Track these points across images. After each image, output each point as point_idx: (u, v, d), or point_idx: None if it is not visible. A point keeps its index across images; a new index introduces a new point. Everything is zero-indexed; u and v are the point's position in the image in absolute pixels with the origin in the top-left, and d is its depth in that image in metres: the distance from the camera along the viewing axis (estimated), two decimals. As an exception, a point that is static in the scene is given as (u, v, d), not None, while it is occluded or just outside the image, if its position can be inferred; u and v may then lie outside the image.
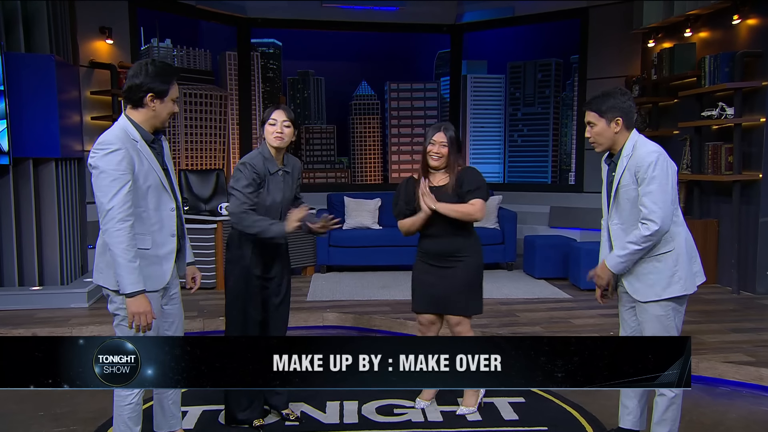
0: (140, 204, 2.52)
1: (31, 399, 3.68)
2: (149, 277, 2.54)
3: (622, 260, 2.72)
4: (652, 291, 2.71)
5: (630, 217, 2.72)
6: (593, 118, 2.76)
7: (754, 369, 3.79)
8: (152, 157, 2.57)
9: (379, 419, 3.37)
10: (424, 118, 8.90)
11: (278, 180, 3.13)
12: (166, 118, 2.61)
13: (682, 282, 2.70)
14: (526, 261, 6.74)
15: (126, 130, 2.54)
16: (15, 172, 5.51)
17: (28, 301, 5.37)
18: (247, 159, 3.10)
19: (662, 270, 2.70)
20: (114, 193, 2.42)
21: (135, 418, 2.62)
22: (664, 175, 2.65)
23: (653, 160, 2.65)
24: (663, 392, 2.74)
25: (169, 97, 2.58)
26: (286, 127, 3.08)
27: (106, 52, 6.56)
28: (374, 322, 5.01)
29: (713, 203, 6.13)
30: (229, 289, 3.20)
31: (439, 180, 3.33)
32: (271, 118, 3.09)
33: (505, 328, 4.67)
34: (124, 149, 2.46)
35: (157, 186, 2.56)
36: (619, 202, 2.75)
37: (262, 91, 8.36)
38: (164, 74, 2.56)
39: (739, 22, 5.68)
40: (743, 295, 5.61)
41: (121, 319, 2.57)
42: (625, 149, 2.73)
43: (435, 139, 3.27)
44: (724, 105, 5.68)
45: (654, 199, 2.62)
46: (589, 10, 7.50)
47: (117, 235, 2.42)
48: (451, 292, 3.30)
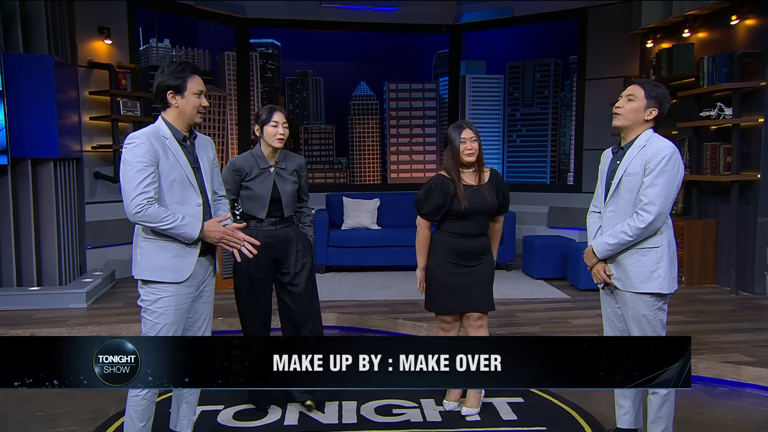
0: (164, 197, 2.59)
1: (29, 400, 3.68)
2: (172, 268, 2.60)
3: (610, 248, 2.75)
4: (630, 283, 2.74)
5: (627, 206, 2.72)
6: (638, 95, 2.72)
7: (752, 369, 3.79)
8: (180, 154, 2.63)
9: (378, 419, 3.37)
10: (423, 118, 8.91)
11: (269, 176, 3.26)
12: (193, 113, 2.65)
13: (660, 280, 2.71)
14: (525, 261, 6.75)
15: (158, 128, 2.65)
16: (13, 172, 5.50)
17: (27, 302, 5.36)
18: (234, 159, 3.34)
19: (645, 264, 2.71)
20: (138, 182, 2.51)
21: (141, 412, 2.63)
22: (673, 173, 2.65)
23: (668, 155, 2.65)
24: (656, 390, 2.75)
25: (188, 91, 2.63)
26: (286, 128, 3.24)
27: (105, 52, 6.55)
28: (373, 323, 5.01)
29: (712, 203, 6.14)
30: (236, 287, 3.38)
31: (473, 179, 3.32)
32: (272, 120, 3.23)
33: (504, 328, 4.67)
34: (147, 142, 2.55)
35: (182, 181, 2.62)
36: (620, 190, 2.73)
37: (260, 91, 8.36)
38: (178, 69, 2.64)
39: (737, 22, 5.68)
40: (742, 296, 5.62)
41: (143, 310, 2.65)
42: (639, 140, 2.73)
43: (464, 136, 3.27)
44: (723, 105, 5.69)
45: (658, 192, 2.63)
46: (588, 11, 7.51)
47: (150, 213, 2.52)
48: (476, 289, 3.33)
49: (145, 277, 2.62)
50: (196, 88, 2.65)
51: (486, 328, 3.39)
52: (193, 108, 2.65)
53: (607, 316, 2.94)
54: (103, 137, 6.52)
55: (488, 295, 3.37)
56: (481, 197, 3.29)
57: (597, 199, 2.94)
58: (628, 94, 2.73)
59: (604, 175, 2.85)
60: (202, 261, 2.72)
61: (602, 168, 2.91)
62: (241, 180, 3.26)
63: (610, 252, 2.76)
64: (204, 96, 2.69)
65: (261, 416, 3.40)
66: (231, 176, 3.27)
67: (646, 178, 2.65)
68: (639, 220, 2.65)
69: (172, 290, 2.61)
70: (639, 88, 2.73)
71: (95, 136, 6.47)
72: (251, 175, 3.25)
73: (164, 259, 2.60)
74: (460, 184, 3.28)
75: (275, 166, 3.30)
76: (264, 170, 3.27)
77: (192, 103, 2.64)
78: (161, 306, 2.61)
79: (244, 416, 3.41)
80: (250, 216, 3.31)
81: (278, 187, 3.27)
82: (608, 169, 2.84)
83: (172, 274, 2.60)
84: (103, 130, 6.54)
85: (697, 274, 6.04)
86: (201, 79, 2.69)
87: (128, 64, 6.65)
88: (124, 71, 6.59)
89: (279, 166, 3.30)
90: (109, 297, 5.81)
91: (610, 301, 2.90)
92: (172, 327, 2.62)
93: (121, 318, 5.05)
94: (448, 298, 3.37)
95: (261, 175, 3.26)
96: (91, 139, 6.44)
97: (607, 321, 2.95)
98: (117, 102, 6.41)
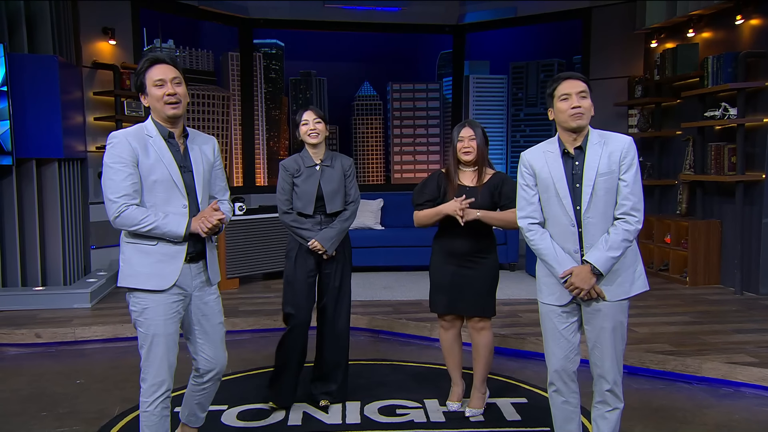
0: (147, 198, 2.45)
1: (33, 399, 3.69)
2: (155, 275, 2.44)
3: (615, 261, 2.46)
4: (621, 289, 2.51)
5: (607, 208, 2.47)
6: (587, 91, 2.49)
7: (757, 370, 3.77)
8: (165, 153, 2.47)
9: (382, 419, 3.37)
10: (427, 118, 8.90)
11: (315, 173, 3.41)
12: (162, 106, 2.44)
13: (643, 278, 2.57)
14: (529, 261, 6.73)
15: (143, 127, 2.51)
16: (18, 172, 5.52)
17: (31, 302, 5.38)
18: (283, 161, 3.50)
19: (627, 266, 2.52)
20: (115, 184, 2.40)
21: (152, 427, 2.48)
22: (638, 165, 2.53)
23: (633, 148, 2.49)
24: (610, 406, 2.59)
25: (149, 86, 2.45)
26: (318, 124, 3.39)
27: (109, 52, 6.57)
28: (377, 323, 5.01)
29: (716, 204, 6.12)
30: (284, 278, 3.49)
31: (471, 179, 3.31)
32: (303, 119, 3.42)
33: (507, 328, 4.66)
34: (124, 141, 2.43)
35: (165, 181, 2.45)
36: (597, 193, 2.46)
37: (264, 91, 8.37)
38: (138, 69, 2.50)
39: (742, 22, 5.67)
40: (746, 296, 5.60)
41: (133, 321, 2.52)
42: (592, 137, 2.52)
43: (463, 134, 3.28)
44: (727, 105, 5.67)
45: (634, 190, 2.46)
46: (592, 11, 7.50)
47: (128, 215, 2.40)
48: (471, 291, 3.31)
49: (126, 285, 2.47)
50: (155, 78, 2.43)
51: (489, 331, 3.37)
52: (157, 101, 2.44)
53: (560, 334, 2.59)
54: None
55: (484, 299, 3.32)
56: (478, 200, 3.24)
57: (531, 208, 2.59)
58: (580, 91, 2.47)
59: (563, 182, 2.51)
60: (190, 268, 2.53)
61: (547, 175, 2.54)
62: (292, 178, 3.43)
63: (613, 265, 2.47)
64: (171, 83, 2.44)
65: (265, 416, 3.40)
66: (282, 176, 3.45)
67: (626, 175, 2.46)
68: (635, 222, 2.46)
69: (157, 299, 2.44)
70: (584, 83, 2.50)
71: (99, 136, 6.49)
72: (300, 172, 3.42)
73: (146, 264, 2.44)
74: (453, 182, 3.29)
75: (321, 164, 3.44)
76: (310, 168, 3.43)
77: (154, 95, 2.44)
78: (149, 317, 2.45)
79: (247, 416, 3.41)
80: (302, 214, 3.44)
81: (321, 185, 3.41)
82: (565, 174, 2.51)
83: (154, 281, 2.44)
84: (107, 130, 6.54)
85: (702, 274, 6.03)
86: (164, 65, 2.46)
87: (132, 65, 6.66)
88: (128, 72, 6.61)
89: (325, 164, 3.45)
90: (113, 297, 5.82)
91: (566, 316, 2.58)
92: (165, 338, 2.46)
93: (125, 318, 5.06)
94: (442, 297, 3.37)
95: (307, 173, 3.42)
96: (95, 140, 6.46)
97: (556, 339, 2.59)
98: (121, 102, 6.43)
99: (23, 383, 3.97)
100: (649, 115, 6.94)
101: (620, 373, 2.57)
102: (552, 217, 2.56)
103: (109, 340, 4.87)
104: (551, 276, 2.58)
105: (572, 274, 2.48)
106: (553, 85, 2.55)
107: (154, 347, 2.46)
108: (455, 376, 3.51)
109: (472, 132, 3.28)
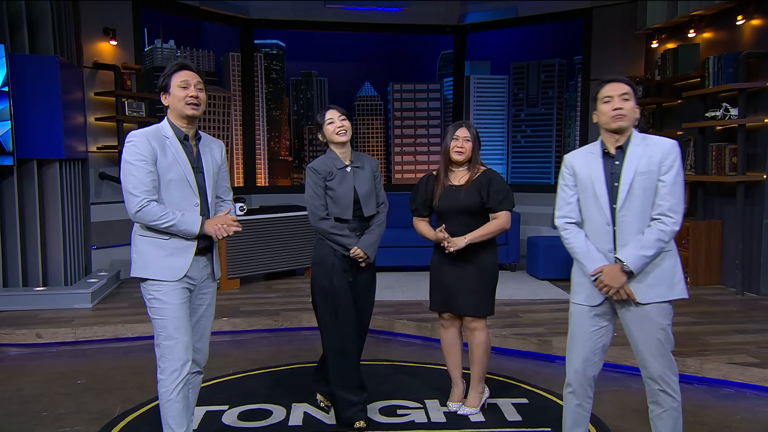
0: (162, 195, 2.61)
1: (34, 399, 3.69)
2: (167, 266, 2.62)
3: (648, 260, 2.48)
4: (655, 292, 2.52)
5: (644, 208, 2.51)
6: (631, 93, 2.54)
7: (758, 370, 3.77)
8: (181, 154, 2.64)
9: (383, 420, 3.37)
10: (427, 119, 8.90)
11: (347, 174, 3.25)
12: (180, 105, 2.63)
13: (682, 284, 2.56)
14: (530, 262, 6.74)
15: (160, 127, 2.67)
16: (19, 172, 5.53)
17: (32, 302, 5.38)
18: (311, 164, 3.28)
19: (666, 269, 2.54)
20: (138, 180, 2.54)
21: (176, 417, 2.61)
22: (681, 168, 2.53)
23: (676, 150, 2.53)
24: (662, 407, 2.58)
25: (173, 86, 2.64)
26: (344, 121, 3.24)
27: (110, 53, 6.57)
28: (377, 323, 5.00)
29: (717, 204, 6.11)
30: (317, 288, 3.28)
31: (460, 178, 3.33)
32: (327, 118, 3.24)
33: (509, 329, 4.66)
34: (144, 140, 2.57)
35: (180, 181, 2.63)
36: (634, 192, 2.50)
37: (265, 92, 8.37)
38: (166, 71, 2.68)
39: (743, 22, 5.66)
40: (747, 296, 5.60)
41: (148, 309, 2.66)
42: (634, 138, 2.56)
43: (458, 134, 3.29)
44: (728, 106, 5.67)
45: (673, 191, 2.49)
46: (593, 11, 7.50)
47: (150, 211, 2.55)
48: (462, 290, 3.31)
49: (140, 275, 2.64)
50: (180, 80, 2.64)
51: (483, 331, 3.36)
52: (179, 100, 2.63)
53: (587, 336, 2.61)
54: (109, 138, 6.55)
55: (477, 297, 3.31)
56: (455, 196, 3.27)
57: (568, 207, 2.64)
58: (622, 93, 2.53)
59: (601, 181, 2.55)
60: (199, 260, 2.72)
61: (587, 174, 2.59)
62: (324, 182, 3.22)
63: (645, 265, 2.50)
64: (195, 87, 2.65)
65: (265, 416, 3.40)
66: (314, 180, 3.23)
67: (666, 176, 2.48)
68: (672, 223, 2.48)
69: (169, 286, 2.62)
70: (628, 86, 2.57)
71: (100, 136, 6.50)
72: (333, 174, 3.23)
73: (159, 257, 2.62)
74: (440, 182, 3.32)
75: (351, 165, 3.28)
76: (341, 170, 3.25)
77: (177, 95, 2.63)
78: (163, 300, 2.61)
79: (248, 416, 3.41)
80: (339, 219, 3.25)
81: (356, 187, 3.26)
82: (604, 173, 2.56)
83: (167, 273, 2.62)
84: (108, 130, 6.56)
85: (703, 275, 6.02)
86: (190, 71, 2.67)
87: (133, 65, 6.68)
88: (130, 72, 6.61)
89: (355, 165, 3.29)
90: (114, 297, 5.82)
91: (597, 319, 2.60)
92: (178, 320, 2.61)
93: (126, 318, 5.07)
94: (436, 295, 3.41)
95: (340, 175, 3.24)
96: (96, 140, 6.46)
97: (582, 340, 2.62)
98: (122, 103, 6.43)
99: (24, 383, 3.97)
100: (650, 115, 6.94)
101: (671, 370, 2.56)
102: (589, 217, 2.61)
103: (110, 340, 4.87)
104: (584, 276, 2.62)
105: (603, 272, 2.51)
106: (597, 88, 2.62)
107: (171, 329, 2.59)
108: (455, 375, 3.50)
109: (468, 133, 3.30)
